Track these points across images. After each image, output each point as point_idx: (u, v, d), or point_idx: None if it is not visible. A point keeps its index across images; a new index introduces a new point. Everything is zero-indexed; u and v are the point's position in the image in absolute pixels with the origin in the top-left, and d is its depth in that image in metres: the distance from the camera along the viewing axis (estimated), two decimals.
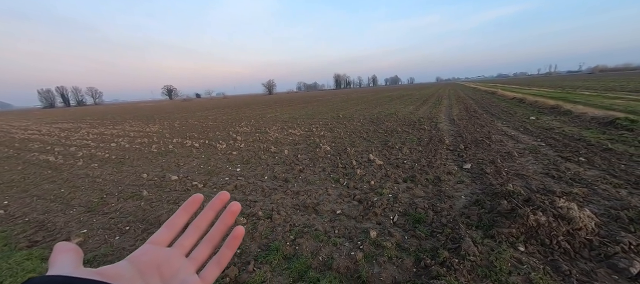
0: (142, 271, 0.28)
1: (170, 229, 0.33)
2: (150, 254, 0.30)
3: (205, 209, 0.35)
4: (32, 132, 14.20)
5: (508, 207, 2.72)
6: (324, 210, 3.20)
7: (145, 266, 0.29)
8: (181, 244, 0.33)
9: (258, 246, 2.58)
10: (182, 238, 0.33)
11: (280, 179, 4.40)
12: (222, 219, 0.36)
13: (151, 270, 0.29)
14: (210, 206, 0.35)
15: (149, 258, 0.30)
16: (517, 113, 9.80)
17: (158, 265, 0.30)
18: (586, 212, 2.49)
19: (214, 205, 0.35)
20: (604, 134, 5.66)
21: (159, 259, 0.30)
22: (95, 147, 8.35)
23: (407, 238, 2.57)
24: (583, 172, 3.76)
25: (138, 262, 0.29)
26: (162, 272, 0.29)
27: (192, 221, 0.35)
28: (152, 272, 0.29)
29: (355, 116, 12.24)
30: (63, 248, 0.27)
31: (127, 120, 18.53)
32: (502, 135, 6.44)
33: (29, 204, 4.09)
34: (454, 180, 3.85)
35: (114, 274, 0.26)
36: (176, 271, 0.30)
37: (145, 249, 0.31)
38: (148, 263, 0.29)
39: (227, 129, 10.64)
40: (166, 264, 0.30)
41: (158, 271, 0.29)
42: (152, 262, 0.30)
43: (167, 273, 0.30)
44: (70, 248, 0.28)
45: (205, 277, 0.33)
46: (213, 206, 0.35)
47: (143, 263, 0.29)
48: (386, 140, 6.65)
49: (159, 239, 0.32)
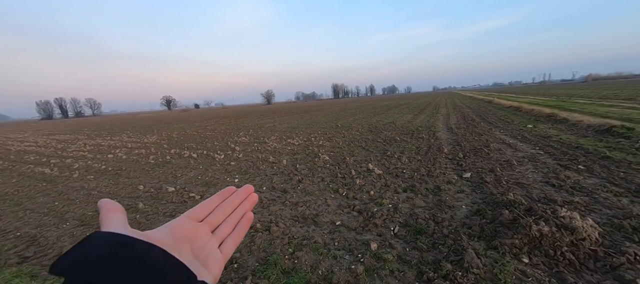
0: (177, 240, 0.32)
1: (204, 209, 0.38)
2: (186, 226, 0.35)
3: (233, 196, 0.41)
4: (29, 144, 14.07)
5: (510, 217, 2.68)
6: (323, 221, 3.14)
7: (180, 236, 0.33)
8: (210, 222, 0.38)
9: (256, 259, 2.51)
10: (211, 216, 0.38)
11: (279, 189, 4.34)
12: (243, 205, 0.42)
13: (184, 240, 0.33)
14: (237, 194, 0.42)
15: (184, 229, 0.34)
16: (514, 121, 9.87)
17: (190, 237, 0.34)
18: (589, 221, 2.46)
19: (240, 194, 0.42)
20: (601, 142, 5.68)
21: (191, 232, 0.35)
22: (91, 159, 8.26)
23: (409, 250, 2.51)
24: (583, 180, 3.75)
25: (175, 231, 0.33)
26: (193, 243, 0.34)
27: (221, 204, 0.40)
28: (184, 242, 0.33)
29: (354, 125, 12.27)
30: (111, 207, 0.30)
31: (124, 131, 18.45)
32: (501, 143, 6.45)
33: (22, 218, 4.00)
34: (454, 189, 3.82)
35: (157, 239, 0.30)
36: (203, 245, 0.35)
37: (182, 221, 0.35)
38: (183, 233, 0.34)
39: (225, 139, 10.61)
40: (196, 237, 0.35)
41: (189, 242, 0.34)
42: (186, 234, 0.34)
43: (196, 245, 0.34)
44: (117, 207, 0.31)
45: (224, 251, 0.38)
46: (239, 195, 0.42)
47: (179, 233, 0.33)
48: (385, 149, 6.64)
49: (193, 215, 0.37)
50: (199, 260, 0.34)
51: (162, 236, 0.31)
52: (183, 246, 0.33)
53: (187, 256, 0.32)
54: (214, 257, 0.35)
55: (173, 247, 0.31)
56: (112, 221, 0.29)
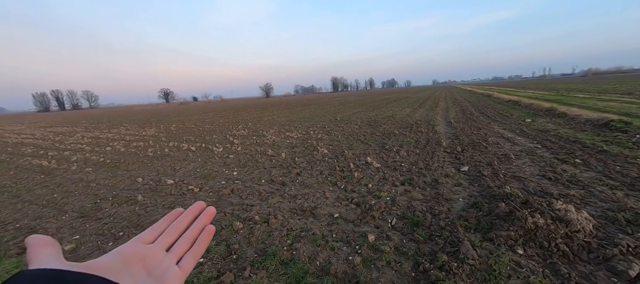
0: (126, 263, 0.31)
1: (153, 232, 0.37)
2: (135, 249, 0.33)
3: (185, 213, 0.40)
4: (26, 136, 14.00)
5: (506, 210, 2.71)
6: (321, 214, 3.17)
7: (130, 259, 0.31)
8: (162, 241, 0.36)
9: (255, 251, 2.54)
10: (163, 236, 0.37)
11: (278, 182, 4.36)
12: (199, 220, 0.40)
13: (135, 262, 0.31)
14: (189, 211, 0.40)
15: (134, 251, 0.33)
16: (513, 115, 9.88)
17: (142, 258, 0.32)
18: (584, 214, 2.49)
19: (192, 210, 0.40)
20: (599, 136, 5.71)
21: (143, 253, 0.33)
22: (89, 151, 8.24)
23: (406, 241, 2.54)
24: (579, 174, 3.78)
25: (123, 255, 0.31)
26: (146, 264, 0.32)
27: (173, 223, 0.39)
28: (136, 264, 0.31)
29: (353, 118, 12.25)
30: (40, 242, 0.28)
31: (123, 123, 18.36)
32: (499, 137, 6.47)
33: (21, 209, 4.01)
34: (452, 183, 3.84)
35: (99, 267, 0.28)
36: (158, 263, 0.33)
37: (130, 244, 0.34)
38: (133, 255, 0.32)
39: (224, 132, 10.58)
40: (149, 256, 0.33)
41: (142, 263, 0.32)
42: (137, 255, 0.32)
43: (151, 264, 0.33)
44: (48, 241, 0.29)
45: (183, 267, 0.36)
46: (191, 211, 0.40)
47: (128, 255, 0.32)
48: (384, 143, 6.65)
49: (143, 238, 0.36)
50: (154, 279, 0.32)
51: (107, 262, 0.29)
52: (134, 267, 0.31)
53: (141, 277, 0.31)
54: (171, 274, 0.33)
55: (122, 270, 0.29)
56: (43, 257, 0.27)
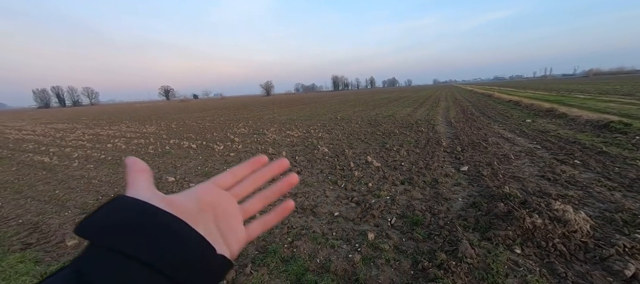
0: (201, 206, 0.31)
1: (232, 176, 0.36)
2: (211, 193, 0.33)
3: (267, 167, 0.38)
4: (27, 132, 14.03)
5: (505, 210, 2.74)
6: (321, 212, 3.20)
7: (205, 203, 0.31)
8: (237, 193, 0.35)
9: (256, 248, 2.57)
10: (239, 187, 0.36)
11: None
12: (279, 184, 0.38)
13: (208, 208, 0.31)
14: (270, 167, 0.38)
15: (209, 196, 0.32)
16: (513, 116, 9.89)
17: (214, 205, 0.32)
18: (581, 214, 2.52)
19: (273, 168, 0.38)
20: (599, 137, 5.73)
21: (217, 199, 0.33)
22: (91, 148, 8.27)
23: (405, 240, 2.57)
24: (578, 175, 3.81)
25: (200, 197, 0.31)
26: (216, 212, 0.32)
27: (253, 175, 0.37)
28: (208, 210, 0.31)
29: (353, 117, 12.26)
30: (139, 167, 0.31)
31: (123, 120, 18.38)
32: (499, 137, 6.49)
33: (23, 205, 4.04)
34: (451, 182, 3.87)
35: (180, 206, 0.29)
36: (227, 216, 0.33)
37: (208, 187, 0.33)
38: (208, 200, 0.32)
39: (224, 130, 10.60)
40: (221, 205, 0.33)
41: (213, 210, 0.32)
42: (211, 201, 0.32)
43: (220, 214, 0.32)
44: (144, 167, 0.31)
45: (250, 231, 0.35)
46: (272, 169, 0.38)
47: (204, 199, 0.32)
48: (384, 142, 6.67)
49: (220, 182, 0.35)
50: (220, 231, 0.31)
51: (186, 203, 0.30)
52: (207, 214, 0.31)
53: (209, 225, 0.31)
54: (236, 233, 0.33)
55: (197, 215, 0.30)
56: (139, 183, 0.29)
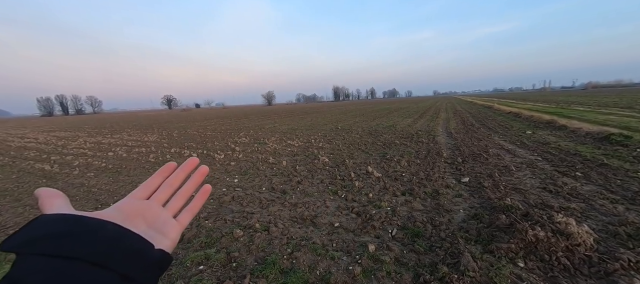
0: (128, 216, 0.32)
1: (146, 189, 0.38)
2: (133, 205, 0.35)
3: (177, 170, 0.40)
4: (29, 140, 14.10)
5: (507, 222, 2.71)
6: (321, 223, 3.17)
7: (131, 213, 0.33)
8: (157, 198, 0.38)
9: (255, 259, 2.54)
10: (157, 193, 0.38)
11: (278, 190, 4.37)
12: (193, 178, 0.41)
13: (136, 216, 0.33)
14: (181, 168, 0.40)
15: (132, 206, 0.35)
16: (514, 127, 9.92)
17: (141, 212, 0.34)
18: (584, 227, 2.49)
19: (184, 168, 0.40)
20: (599, 150, 5.72)
21: (141, 208, 0.35)
22: (92, 156, 8.29)
23: (406, 252, 2.54)
24: (580, 187, 3.78)
25: (123, 209, 0.33)
26: (146, 217, 0.34)
27: (166, 180, 0.39)
28: (137, 217, 0.33)
29: (354, 128, 12.31)
30: (52, 194, 0.30)
31: (125, 129, 18.48)
32: (500, 149, 6.49)
33: (22, 213, 4.02)
34: (452, 194, 3.85)
35: (106, 215, 0.30)
36: (156, 216, 0.35)
37: (127, 200, 0.35)
38: (132, 209, 0.34)
39: (225, 139, 10.64)
40: (147, 211, 0.35)
41: (142, 216, 0.34)
42: (136, 209, 0.34)
43: (150, 218, 0.34)
44: (58, 193, 0.30)
45: (181, 220, 0.38)
46: (184, 169, 0.40)
47: (128, 210, 0.34)
48: (384, 152, 6.67)
49: (138, 194, 0.37)
50: (155, 230, 0.34)
51: (112, 214, 0.31)
52: (135, 220, 0.33)
53: (142, 227, 0.33)
54: (170, 225, 0.35)
55: (126, 221, 0.31)
56: (56, 206, 0.28)
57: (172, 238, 0.35)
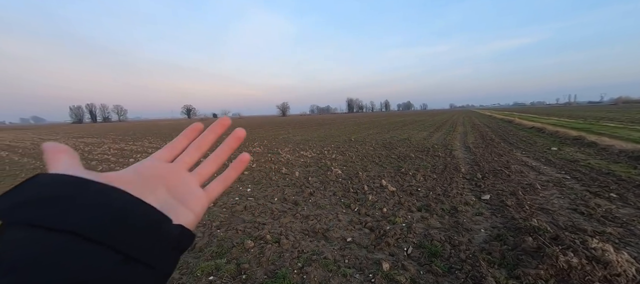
0: (148, 180, 0.28)
1: (171, 150, 0.33)
2: (155, 166, 0.30)
3: (206, 131, 0.35)
4: None
5: (534, 245, 2.51)
6: (333, 237, 3.08)
7: (151, 176, 0.28)
8: (183, 161, 0.32)
9: (264, 272, 2.49)
10: (183, 155, 0.33)
11: (290, 201, 4.33)
12: (227, 141, 0.36)
13: (157, 180, 0.28)
14: (210, 129, 0.35)
15: (154, 169, 0.29)
16: (537, 143, 9.43)
17: (163, 176, 0.29)
18: (624, 255, 2.26)
19: (214, 128, 0.35)
20: (636, 169, 5.28)
21: (164, 171, 0.30)
22: (114, 162, 8.68)
23: (423, 273, 2.40)
24: (616, 210, 3.47)
25: (143, 172, 0.28)
26: (167, 182, 0.29)
27: (193, 141, 0.34)
28: (157, 182, 0.28)
29: (368, 140, 12.18)
30: (60, 148, 0.26)
31: (146, 137, 19.32)
32: (522, 165, 6.15)
33: None
34: (472, 211, 3.65)
35: (120, 181, 0.25)
36: (180, 182, 0.30)
37: (149, 162, 0.30)
38: (153, 173, 0.29)
39: (240, 149, 10.67)
40: (171, 175, 0.30)
41: (163, 181, 0.29)
42: (157, 172, 0.29)
43: (172, 184, 0.29)
44: (67, 148, 0.26)
45: (210, 191, 0.33)
46: (213, 129, 0.35)
47: (148, 172, 0.29)
48: (399, 166, 6.50)
49: (161, 156, 0.32)
50: (177, 199, 0.28)
51: (127, 178, 0.26)
52: (156, 185, 0.28)
53: (162, 195, 0.28)
54: (195, 195, 0.30)
55: (143, 187, 0.26)
56: (62, 163, 0.24)
57: (197, 211, 0.29)
